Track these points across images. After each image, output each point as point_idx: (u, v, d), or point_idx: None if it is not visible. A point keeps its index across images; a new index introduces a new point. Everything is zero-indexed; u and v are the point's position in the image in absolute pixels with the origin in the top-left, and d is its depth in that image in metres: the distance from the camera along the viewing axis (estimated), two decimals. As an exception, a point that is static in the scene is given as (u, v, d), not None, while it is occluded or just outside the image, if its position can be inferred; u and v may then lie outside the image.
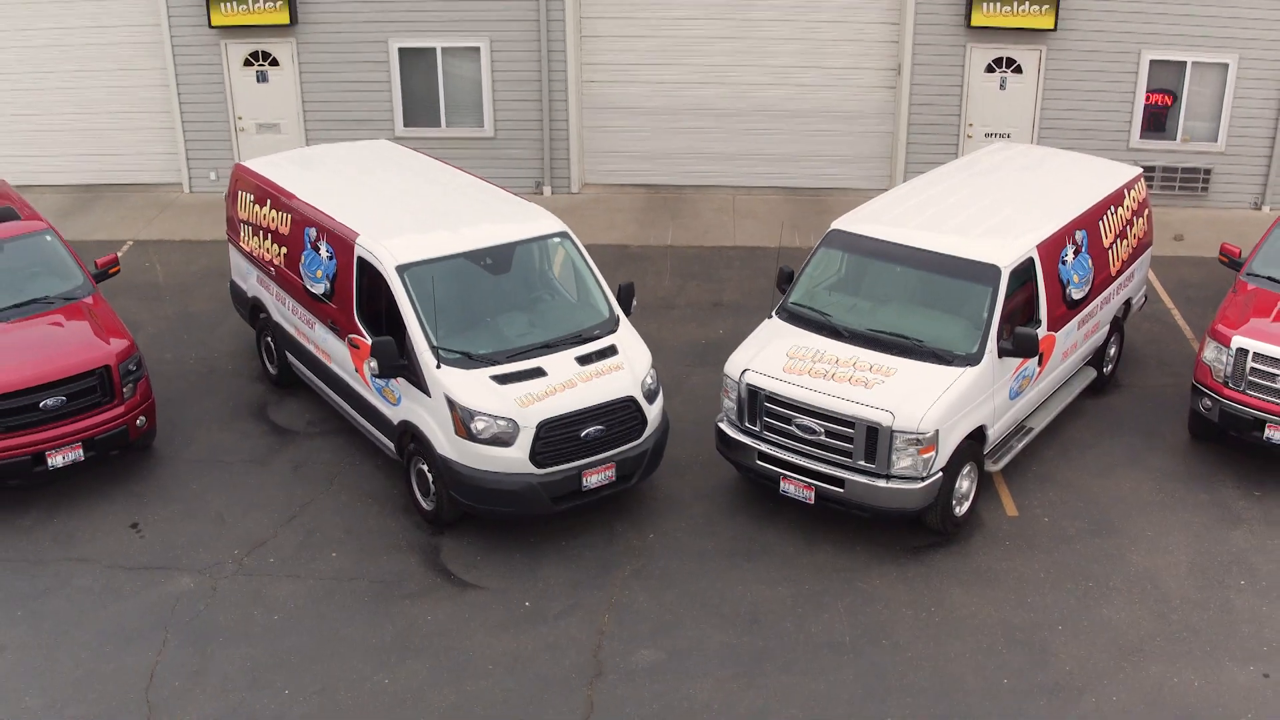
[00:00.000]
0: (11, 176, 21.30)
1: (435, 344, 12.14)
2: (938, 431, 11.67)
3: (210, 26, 20.97)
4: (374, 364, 12.26)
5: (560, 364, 12.30)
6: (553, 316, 13.04)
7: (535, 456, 11.85)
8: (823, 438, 12.02)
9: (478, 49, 21.09)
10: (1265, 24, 20.02)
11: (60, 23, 21.45)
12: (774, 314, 13.41)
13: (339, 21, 21.02)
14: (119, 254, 18.41)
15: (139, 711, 10.27)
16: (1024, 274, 12.87)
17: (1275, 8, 19.92)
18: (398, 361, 12.18)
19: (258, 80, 21.55)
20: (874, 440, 11.74)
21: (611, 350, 12.65)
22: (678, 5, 20.95)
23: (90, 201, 21.73)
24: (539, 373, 12.13)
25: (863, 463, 11.85)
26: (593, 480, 12.16)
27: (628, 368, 12.50)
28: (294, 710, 10.25)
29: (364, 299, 12.99)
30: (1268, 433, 12.98)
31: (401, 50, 21.15)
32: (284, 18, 20.74)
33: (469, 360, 12.10)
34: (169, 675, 10.66)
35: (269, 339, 15.35)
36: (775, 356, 12.61)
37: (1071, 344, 13.93)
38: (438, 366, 12.02)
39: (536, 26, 20.86)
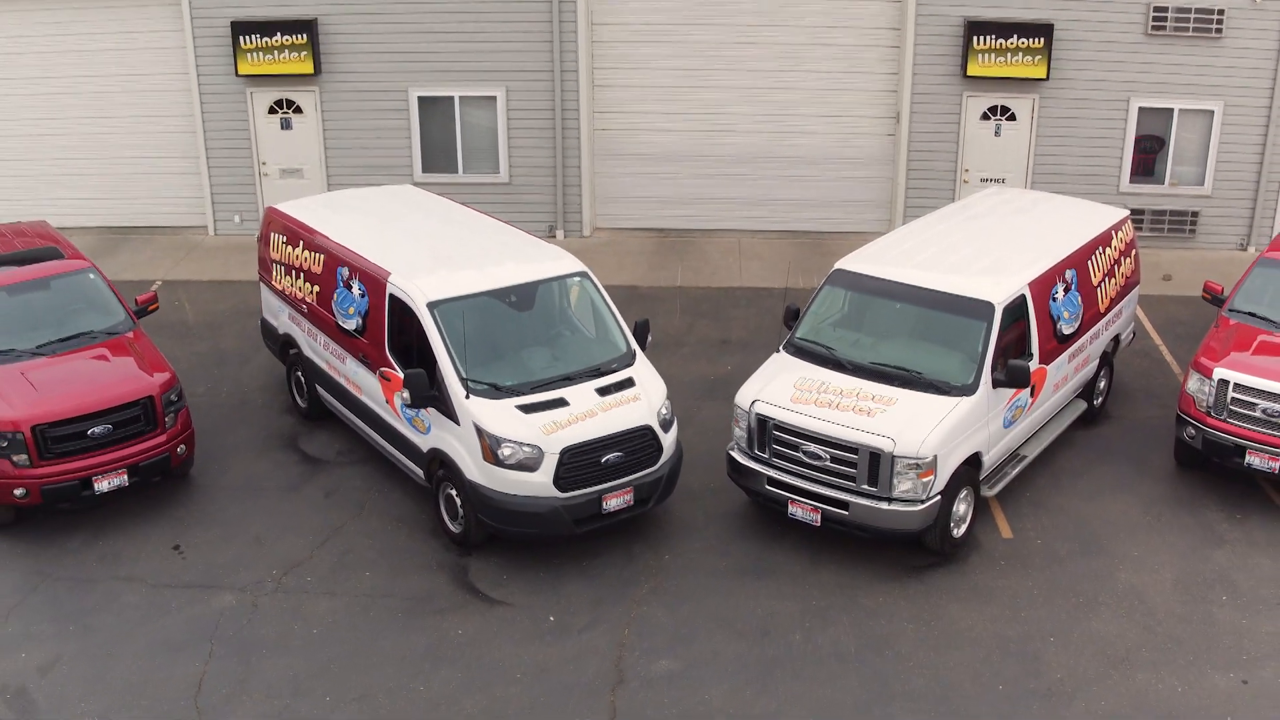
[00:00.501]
0: (46, 219, 22.12)
1: (464, 375, 12.92)
2: (936, 457, 12.44)
3: (237, 75, 21.89)
4: (406, 394, 13.05)
5: (581, 395, 13.08)
6: (573, 351, 13.83)
7: (558, 481, 12.61)
8: (828, 463, 12.79)
9: (494, 98, 22.00)
10: (1248, 73, 20.94)
11: (94, 71, 22.38)
12: (781, 348, 14.21)
13: (361, 71, 21.94)
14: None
15: (189, 717, 10.98)
16: (1016, 310, 13.68)
17: (1258, 59, 20.83)
18: (428, 392, 12.96)
19: (282, 127, 22.44)
20: (876, 465, 12.50)
21: (629, 382, 13.43)
22: (685, 57, 21.86)
23: (119, 243, 22.57)
24: (561, 403, 12.91)
25: (866, 486, 12.60)
26: (612, 504, 12.92)
27: (644, 398, 13.29)
28: (336, 715, 10.96)
29: (395, 334, 13.78)
30: (1248, 459, 13.75)
31: (421, 99, 22.06)
32: (308, 68, 21.66)
33: (496, 391, 12.89)
34: (216, 684, 11.38)
35: (299, 373, 16.14)
36: (783, 388, 13.39)
37: (1062, 377, 14.72)
38: (467, 397, 12.80)
39: (551, 77, 21.78)
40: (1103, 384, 16.12)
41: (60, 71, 22.47)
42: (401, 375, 13.40)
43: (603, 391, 13.20)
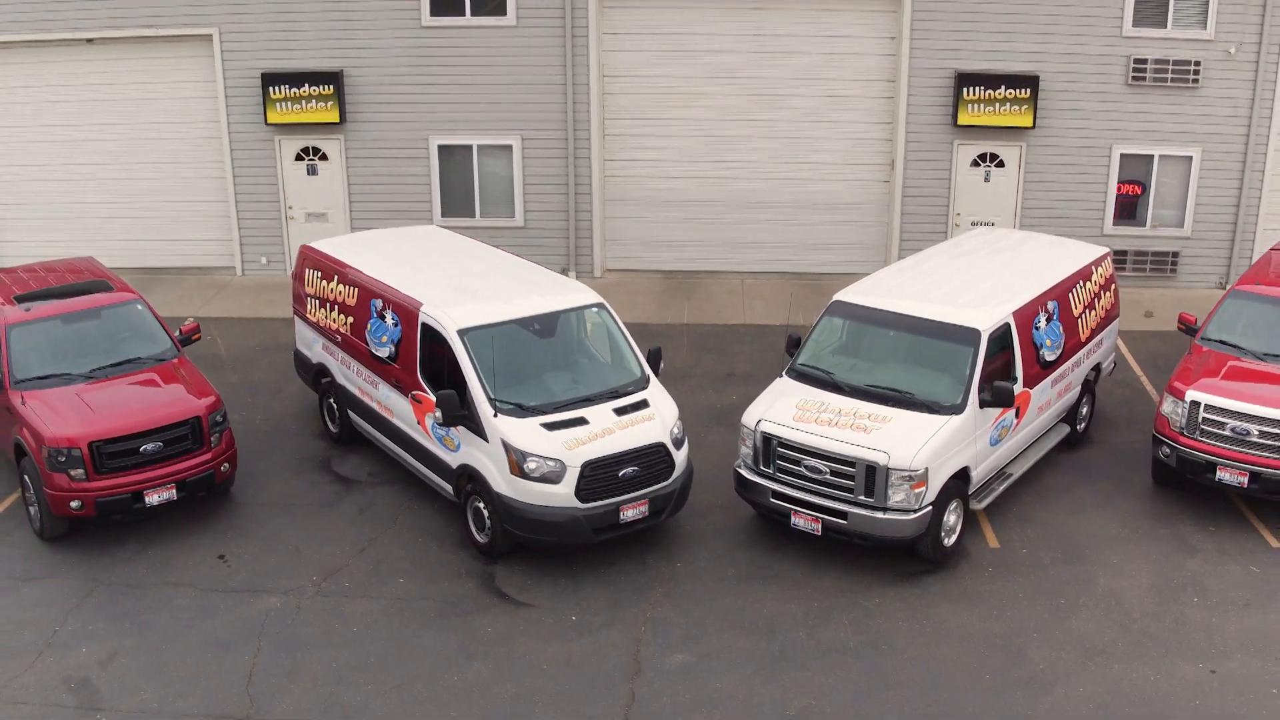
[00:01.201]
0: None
1: (493, 396, 13.99)
2: (927, 469, 13.48)
3: (266, 124, 23.12)
4: (438, 414, 14.11)
5: (600, 414, 14.14)
6: (592, 375, 14.89)
7: (580, 493, 13.65)
8: (828, 476, 13.83)
9: (510, 146, 23.22)
10: (1224, 121, 22.18)
11: (129, 119, 23.65)
12: (784, 374, 15.29)
13: (384, 120, 23.17)
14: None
15: (242, 703, 11.96)
16: (1001, 337, 14.76)
17: (1233, 107, 22.07)
18: (459, 411, 14.03)
19: (308, 173, 23.64)
20: (872, 477, 13.55)
21: (644, 404, 14.49)
22: (692, 108, 23.09)
23: (150, 283, 23.69)
24: (582, 421, 13.97)
25: (863, 497, 13.64)
26: (629, 514, 13.95)
27: (658, 419, 14.35)
28: (377, 701, 11.95)
29: (426, 360, 14.85)
30: (1219, 474, 14.79)
31: (440, 147, 23.28)
32: (334, 117, 22.89)
33: (522, 410, 13.95)
34: (265, 675, 12.36)
35: (331, 400, 17.20)
36: (786, 409, 14.46)
37: (1046, 400, 15.79)
38: (495, 415, 13.86)
39: (564, 126, 23.00)
40: (1085, 409, 17.18)
41: (97, 119, 23.73)
42: (433, 397, 14.47)
43: (620, 411, 14.25)
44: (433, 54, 22.75)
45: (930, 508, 13.64)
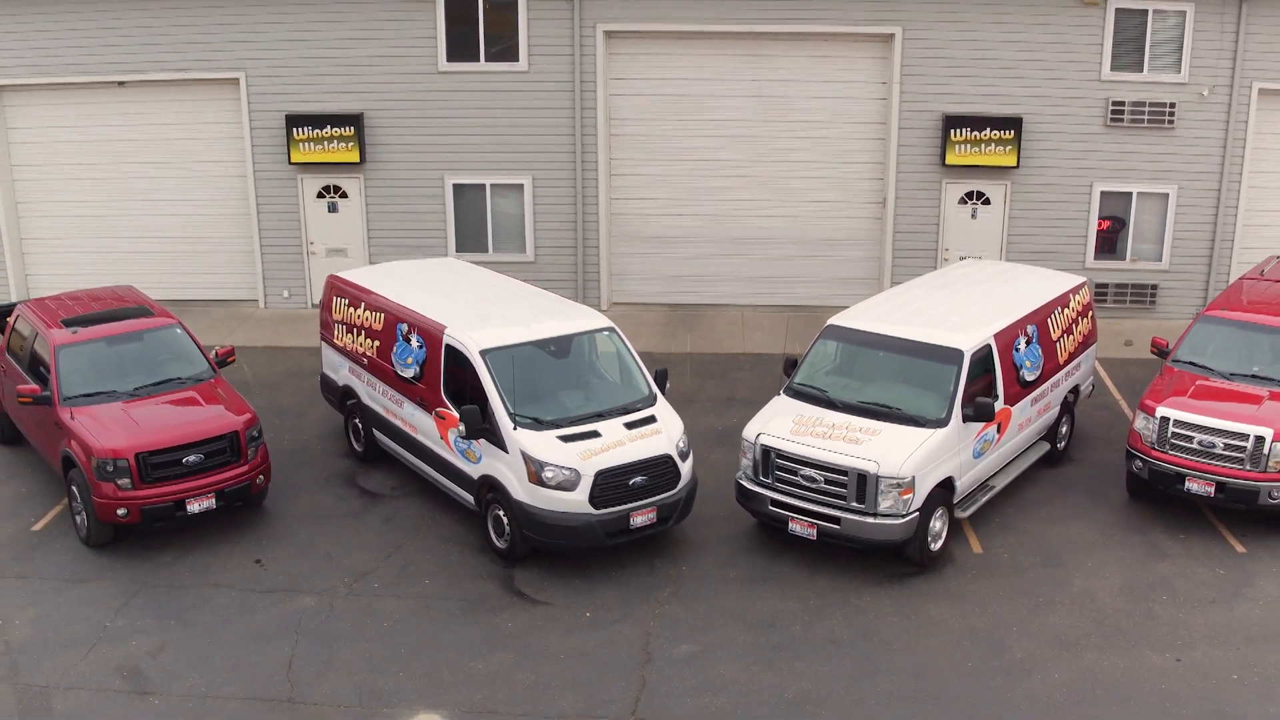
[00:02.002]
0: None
1: (512, 411, 15.10)
2: (914, 477, 14.58)
3: (290, 163, 24.35)
4: (462, 427, 15.21)
5: (611, 428, 15.24)
6: (603, 392, 16.00)
7: (593, 500, 14.73)
8: (822, 485, 14.92)
9: (521, 185, 24.44)
10: (1198, 159, 23.43)
11: (159, 158, 24.93)
12: (782, 392, 16.41)
13: (401, 160, 24.40)
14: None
15: (283, 688, 13.00)
16: (984, 358, 15.88)
17: (1207, 146, 23.32)
18: (481, 425, 15.13)
19: (329, 210, 24.85)
20: (863, 485, 14.64)
21: (652, 419, 15.60)
22: (694, 150, 24.33)
23: (178, 314, 24.55)
24: (595, 434, 15.07)
25: (855, 504, 14.72)
26: (638, 520, 15.03)
27: (665, 432, 15.45)
28: (408, 686, 12.99)
29: (450, 379, 15.96)
30: (1188, 485, 15.89)
31: (455, 185, 24.50)
32: (354, 157, 24.12)
33: (539, 424, 15.06)
34: (304, 664, 13.40)
35: (357, 420, 18.29)
36: (784, 423, 15.57)
37: (1026, 418, 16.89)
38: (514, 429, 14.96)
39: (573, 167, 24.23)
40: (1065, 429, 18.28)
41: (128, 157, 25.00)
42: (456, 414, 15.58)
43: (629, 426, 15.36)
44: (448, 98, 24.00)
45: (917, 513, 14.72)
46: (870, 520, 14.65)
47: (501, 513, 15.29)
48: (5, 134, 25.03)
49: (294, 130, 24.06)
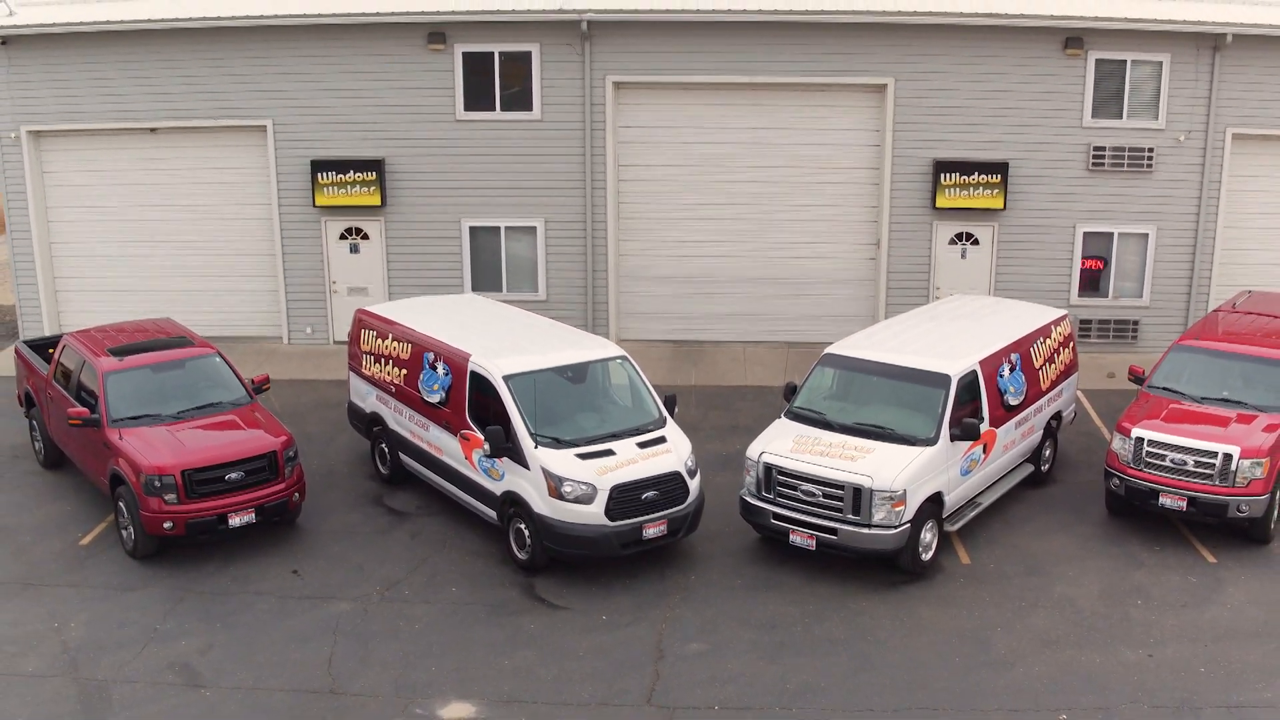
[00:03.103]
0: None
1: (533, 431, 16.29)
2: (906, 490, 15.75)
3: (314, 206, 25.65)
4: (487, 447, 16.41)
5: (625, 447, 16.43)
6: (617, 415, 17.18)
7: (609, 512, 15.89)
8: (820, 499, 16.08)
9: (534, 228, 25.73)
10: (1176, 201, 24.76)
11: (188, 201, 26.23)
12: (783, 416, 17.60)
13: (421, 204, 25.70)
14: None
15: (324, 681, 14.10)
16: (970, 383, 17.09)
17: (1184, 189, 24.66)
18: (505, 444, 16.33)
19: (350, 251, 26.12)
20: (859, 498, 15.80)
21: (662, 439, 16.80)
22: (698, 194, 25.65)
23: (206, 352, 26.01)
24: (610, 452, 16.26)
25: (851, 516, 15.88)
26: (650, 532, 16.18)
27: (675, 451, 16.64)
28: (440, 679, 14.10)
29: (473, 404, 17.15)
30: (1161, 500, 17.05)
31: (471, 228, 25.78)
32: (376, 200, 25.43)
33: (558, 443, 16.25)
34: (342, 661, 14.51)
35: (383, 445, 19.47)
36: (785, 443, 16.76)
37: (1010, 440, 18.08)
38: (535, 447, 16.15)
39: (583, 211, 25.52)
40: (1048, 452, 19.45)
41: (158, 200, 26.31)
42: (481, 435, 16.76)
43: (641, 445, 16.54)
44: (466, 145, 25.33)
45: (909, 525, 15.87)
46: (865, 531, 15.80)
47: (523, 526, 16.43)
48: (41, 178, 26.33)
49: (318, 175, 25.37)
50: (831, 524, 16.02)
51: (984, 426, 17.18)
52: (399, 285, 26.08)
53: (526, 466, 16.23)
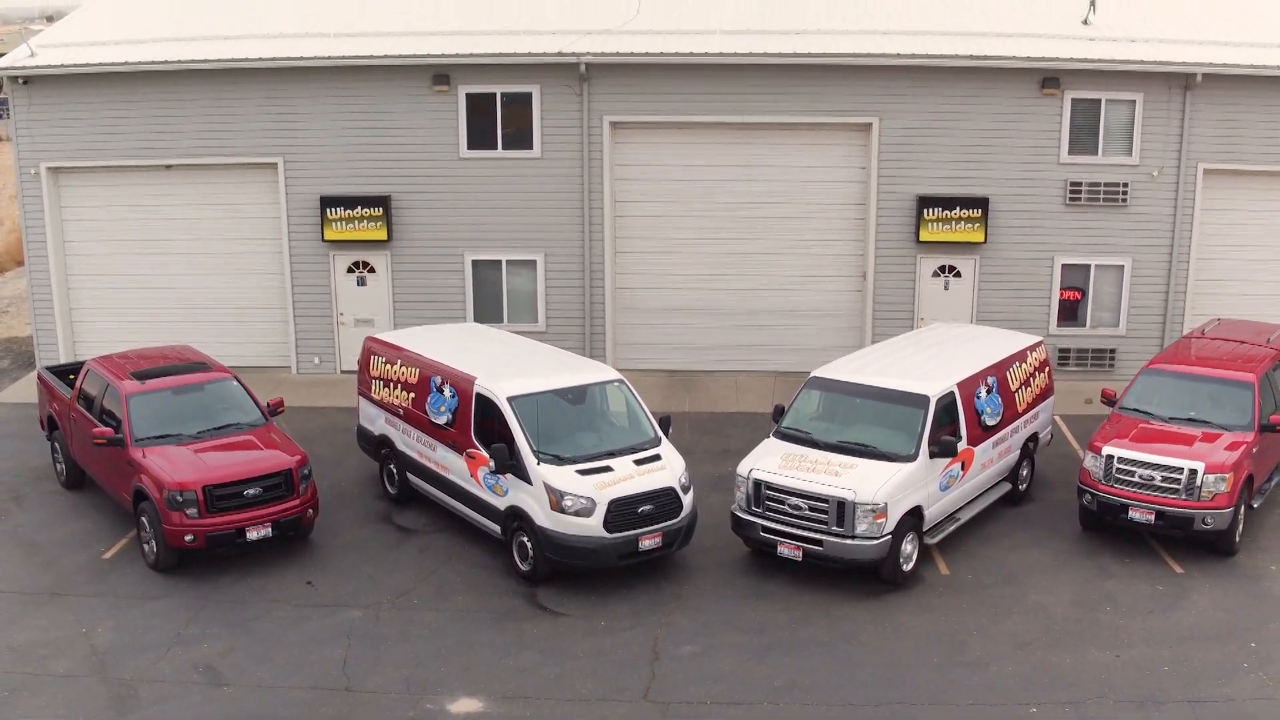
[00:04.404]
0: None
1: (536, 449, 17.25)
2: (886, 504, 16.70)
3: (322, 240, 26.67)
4: (492, 464, 17.38)
5: (622, 464, 17.39)
6: (614, 435, 18.13)
7: (607, 525, 16.83)
8: (806, 512, 17.03)
9: (534, 261, 26.74)
10: (1150, 234, 25.80)
11: (200, 234, 27.18)
12: (771, 435, 18.57)
13: (426, 239, 26.72)
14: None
15: (340, 680, 14.99)
16: (948, 404, 18.07)
17: (1157, 222, 25.74)
18: (509, 462, 17.29)
19: (358, 284, 27.12)
20: (842, 511, 16.75)
21: (657, 457, 17.75)
22: (692, 230, 26.69)
23: (217, 381, 26.94)
24: (608, 469, 17.21)
25: (835, 528, 16.82)
26: (646, 544, 17.10)
27: (669, 469, 17.60)
28: (450, 678, 14.99)
29: (479, 424, 18.11)
30: (1131, 514, 18.00)
31: (474, 261, 26.79)
32: (382, 235, 26.45)
33: (559, 460, 17.20)
34: (357, 661, 15.40)
35: (392, 466, 20.40)
36: (773, 460, 17.73)
37: (988, 459, 19.04)
38: (538, 464, 17.10)
39: (581, 244, 26.54)
40: (1025, 472, 20.41)
41: (171, 234, 27.27)
42: (486, 454, 17.72)
43: (638, 462, 17.50)
44: (469, 182, 26.38)
45: (890, 536, 16.81)
46: (849, 542, 16.74)
47: (526, 539, 17.35)
48: (60, 211, 27.33)
49: (327, 210, 26.39)
50: (817, 536, 16.96)
51: (962, 444, 18.15)
52: (404, 316, 27.05)
53: (529, 482, 17.17)
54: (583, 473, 17.08)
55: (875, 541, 16.73)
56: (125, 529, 19.25)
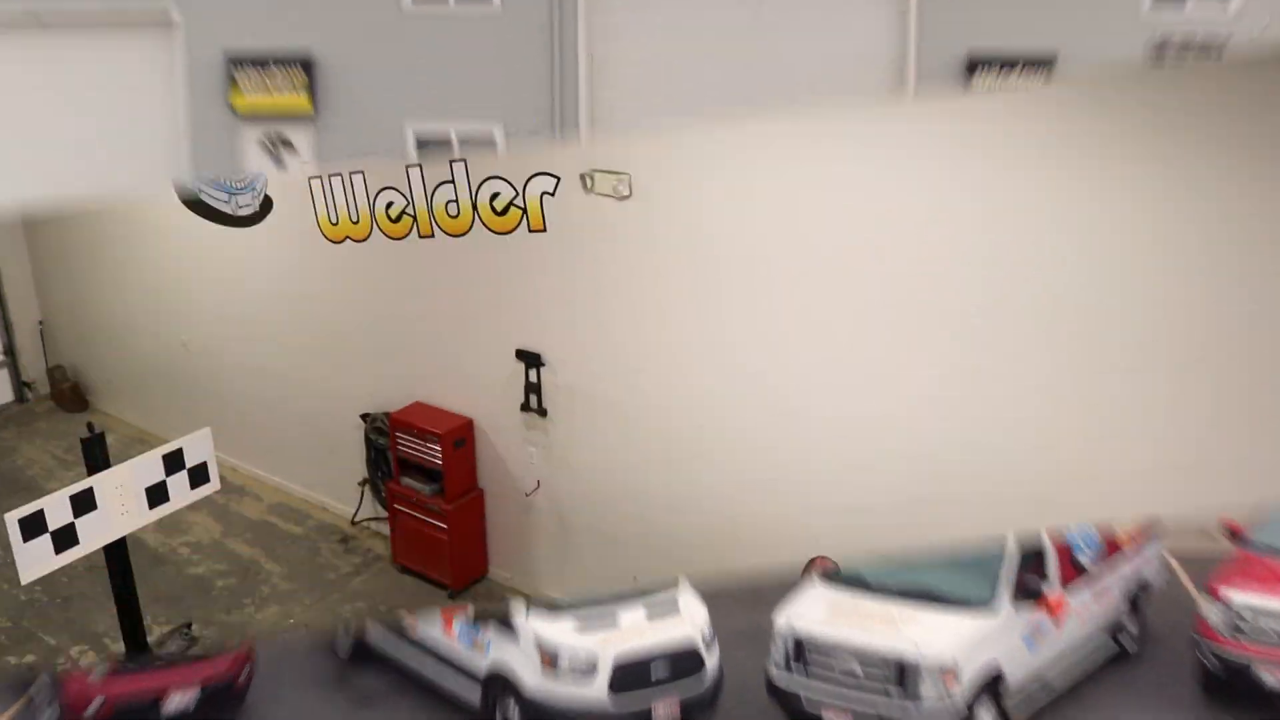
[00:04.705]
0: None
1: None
2: (958, 662, 13.58)
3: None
4: (471, 611, 14.50)
5: (631, 614, 14.74)
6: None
7: (613, 689, 14.09)
8: (860, 673, 13.92)
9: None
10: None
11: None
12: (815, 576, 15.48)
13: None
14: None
15: None
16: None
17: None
18: (492, 609, 14.42)
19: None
20: (904, 673, 13.65)
21: (674, 605, 14.94)
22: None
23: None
24: (613, 620, 14.59)
25: (894, 689, 13.68)
26: (661, 714, 14.28)
27: (688, 619, 14.83)
28: None
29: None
30: (1260, 674, 14.64)
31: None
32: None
33: (553, 608, 14.53)
34: None
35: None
36: (818, 609, 14.76)
37: (1083, 606, 15.56)
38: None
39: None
40: (1133, 628, 16.82)
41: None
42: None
43: (650, 611, 14.81)
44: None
45: (963, 704, 13.60)
46: (911, 709, 13.55)
47: (511, 709, 14.31)
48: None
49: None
50: (873, 700, 13.80)
51: (1050, 588, 14.89)
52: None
53: (517, 636, 14.23)
54: (582, 625, 14.25)
55: (945, 709, 13.46)
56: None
